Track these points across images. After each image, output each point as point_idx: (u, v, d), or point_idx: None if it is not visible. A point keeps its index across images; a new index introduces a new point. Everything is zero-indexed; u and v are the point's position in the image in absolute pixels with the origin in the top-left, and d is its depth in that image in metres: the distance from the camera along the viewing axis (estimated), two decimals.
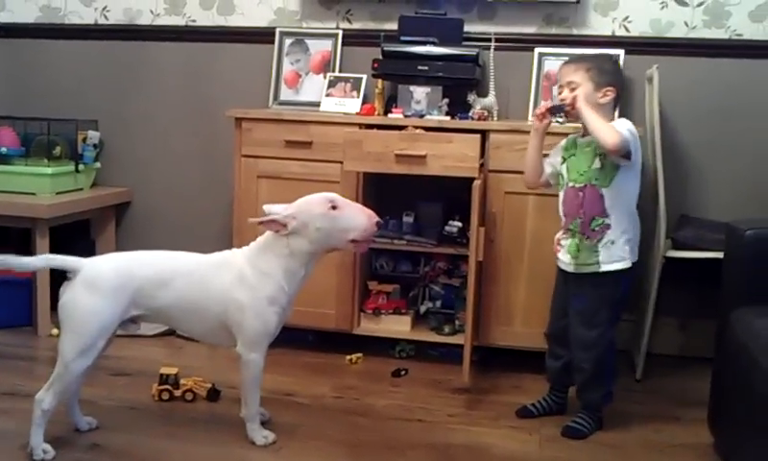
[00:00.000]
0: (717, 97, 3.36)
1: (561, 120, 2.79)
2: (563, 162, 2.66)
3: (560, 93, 2.63)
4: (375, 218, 2.37)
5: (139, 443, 2.45)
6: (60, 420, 2.43)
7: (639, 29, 3.42)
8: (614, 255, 2.57)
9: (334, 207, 2.35)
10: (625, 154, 2.48)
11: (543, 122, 2.64)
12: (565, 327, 2.68)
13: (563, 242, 2.65)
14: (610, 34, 3.43)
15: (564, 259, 2.65)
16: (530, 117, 3.38)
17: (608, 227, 2.56)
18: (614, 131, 2.46)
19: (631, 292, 2.69)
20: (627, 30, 3.43)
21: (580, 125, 2.62)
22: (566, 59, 2.73)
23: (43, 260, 2.46)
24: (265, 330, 2.40)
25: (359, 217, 2.36)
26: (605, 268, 2.57)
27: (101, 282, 2.31)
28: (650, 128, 3.12)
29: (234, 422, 2.52)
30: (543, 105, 2.67)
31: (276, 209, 2.38)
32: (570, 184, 2.62)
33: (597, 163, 2.55)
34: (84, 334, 2.28)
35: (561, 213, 2.67)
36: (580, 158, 2.60)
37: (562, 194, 2.67)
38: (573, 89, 2.56)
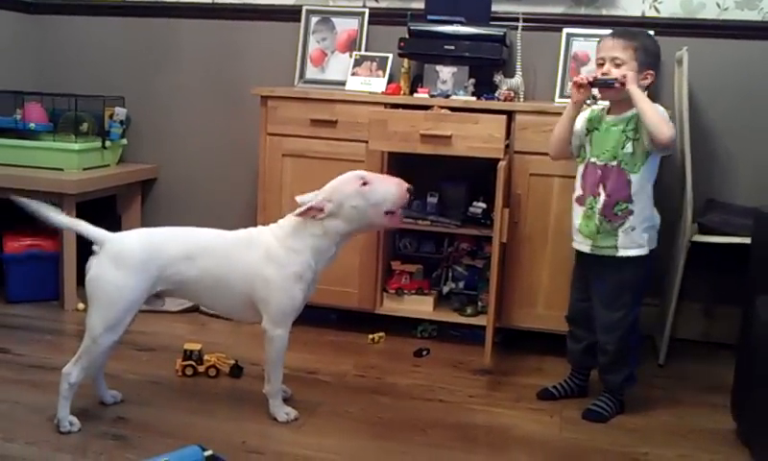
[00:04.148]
0: (748, 80, 3.31)
1: (589, 101, 2.74)
2: (586, 134, 2.62)
3: (600, 65, 2.53)
4: (405, 185, 2.41)
5: (163, 417, 2.47)
6: (85, 393, 2.47)
7: (670, 10, 3.37)
8: (633, 242, 2.54)
9: (365, 183, 2.38)
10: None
11: (582, 92, 2.54)
12: (586, 309, 2.66)
13: (576, 220, 2.62)
14: (639, 14, 3.39)
15: (579, 239, 2.63)
16: (557, 98, 3.36)
17: (630, 212, 2.52)
18: (669, 124, 2.42)
19: (651, 277, 2.66)
20: (657, 11, 3.38)
21: (607, 103, 2.59)
22: (613, 30, 2.59)
23: (71, 222, 2.44)
24: (292, 306, 2.42)
25: (391, 187, 2.39)
26: (622, 253, 2.55)
27: (128, 258, 2.33)
28: (678, 111, 3.08)
29: (257, 398, 2.54)
30: (585, 75, 2.55)
31: (307, 198, 2.40)
32: (592, 160, 2.58)
33: (629, 148, 2.50)
34: (111, 309, 2.30)
35: (578, 186, 2.63)
36: (605, 136, 2.55)
37: (581, 168, 2.63)
38: (618, 66, 2.48)
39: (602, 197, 2.55)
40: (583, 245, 2.62)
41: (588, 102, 2.74)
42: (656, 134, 2.41)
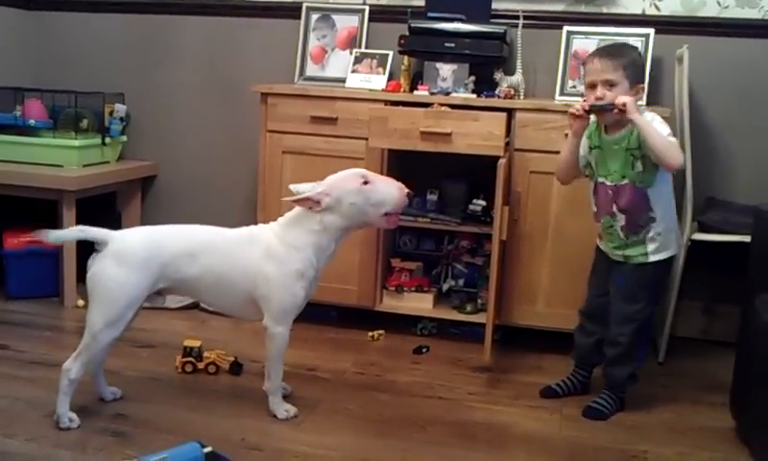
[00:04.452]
0: (748, 79, 3.31)
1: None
2: (590, 152, 2.60)
3: (591, 87, 2.49)
4: (406, 190, 2.41)
5: (162, 413, 2.47)
6: (85, 390, 2.47)
7: (670, 8, 3.36)
8: (662, 246, 2.55)
9: (366, 182, 2.38)
10: None
11: (579, 122, 2.52)
12: (602, 305, 2.65)
13: (601, 232, 2.62)
14: (640, 12, 3.38)
15: (608, 249, 2.62)
16: (557, 96, 3.36)
17: (653, 220, 2.52)
18: (677, 148, 2.41)
19: (668, 274, 2.67)
20: (657, 8, 3.38)
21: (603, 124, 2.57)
22: (598, 50, 2.58)
23: (75, 232, 2.46)
24: (293, 304, 2.42)
25: (391, 190, 2.39)
26: (653, 258, 2.55)
27: (130, 255, 2.33)
28: (678, 109, 3.08)
29: (256, 395, 2.55)
30: (581, 104, 2.51)
31: (302, 188, 2.40)
32: (600, 180, 2.56)
33: (639, 166, 2.48)
34: (112, 306, 2.31)
35: (592, 202, 2.63)
36: (609, 156, 2.53)
37: (592, 185, 2.62)
38: (611, 87, 2.44)
39: (619, 215, 2.54)
40: (612, 255, 2.62)
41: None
42: (666, 161, 2.40)
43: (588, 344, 2.73)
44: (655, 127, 2.41)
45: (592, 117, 2.57)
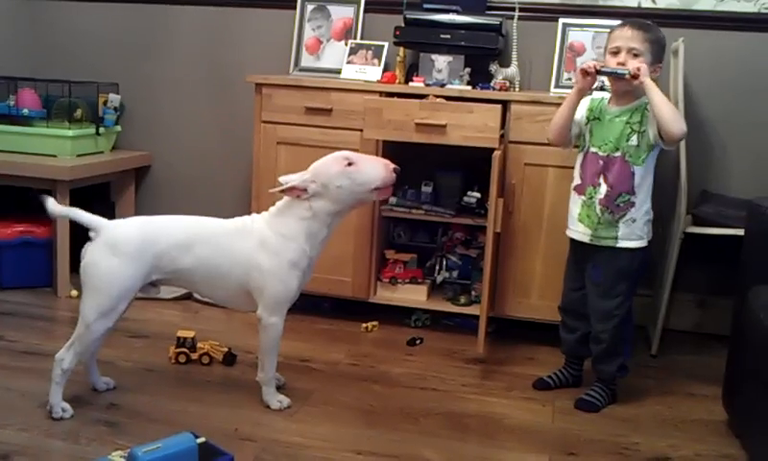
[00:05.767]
0: (743, 72, 3.31)
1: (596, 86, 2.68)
2: (586, 123, 2.62)
3: (614, 54, 2.51)
4: (392, 165, 2.40)
5: (156, 404, 2.47)
6: (78, 380, 2.47)
7: (666, 0, 3.36)
8: (633, 234, 2.55)
9: (350, 164, 2.38)
10: None
11: (588, 80, 2.51)
12: (579, 299, 2.67)
13: (575, 209, 2.62)
14: (636, 5, 3.38)
15: (579, 229, 2.63)
16: (552, 88, 3.36)
17: (632, 204, 2.53)
18: (681, 119, 2.43)
19: (646, 267, 2.67)
20: (653, 1, 3.37)
21: (609, 94, 2.59)
22: (628, 20, 2.57)
23: (67, 211, 2.44)
24: (286, 294, 2.42)
25: (376, 168, 2.40)
26: (622, 244, 2.55)
27: (123, 245, 2.32)
28: (674, 102, 3.07)
29: (250, 386, 2.55)
30: (594, 62, 2.51)
31: (290, 178, 2.40)
32: (592, 150, 2.58)
33: (634, 140, 2.50)
34: (105, 296, 2.30)
35: (576, 175, 2.63)
36: (607, 127, 2.55)
37: (581, 156, 2.63)
38: (635, 57, 2.47)
39: (603, 187, 2.54)
40: (582, 235, 2.62)
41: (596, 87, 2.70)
42: (669, 129, 2.40)
43: (572, 339, 2.74)
44: (664, 97, 2.44)
45: (602, 93, 2.60)
